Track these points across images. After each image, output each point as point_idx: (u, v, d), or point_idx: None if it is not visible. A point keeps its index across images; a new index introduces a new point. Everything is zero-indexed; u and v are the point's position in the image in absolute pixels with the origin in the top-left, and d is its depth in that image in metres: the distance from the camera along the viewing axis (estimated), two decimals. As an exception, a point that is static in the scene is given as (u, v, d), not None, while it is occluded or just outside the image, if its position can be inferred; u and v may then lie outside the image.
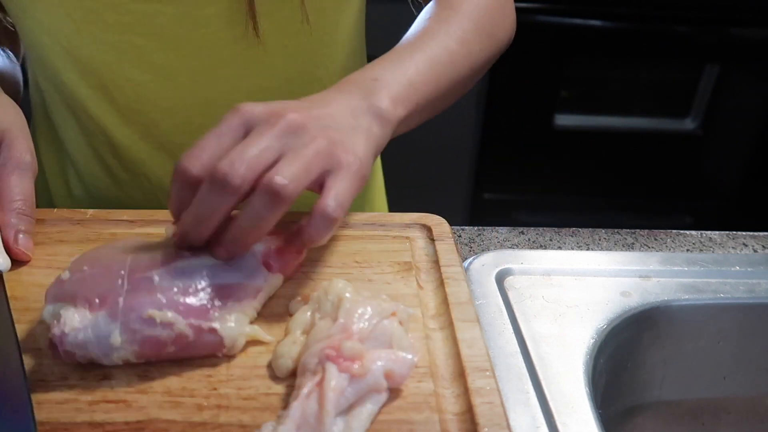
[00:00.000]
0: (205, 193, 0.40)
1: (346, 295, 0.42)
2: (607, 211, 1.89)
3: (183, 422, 0.38)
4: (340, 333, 0.39)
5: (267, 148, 0.41)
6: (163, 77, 0.59)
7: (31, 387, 0.40)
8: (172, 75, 0.59)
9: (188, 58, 0.59)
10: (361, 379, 0.38)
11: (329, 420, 0.36)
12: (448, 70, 0.56)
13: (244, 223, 0.41)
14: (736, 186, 1.86)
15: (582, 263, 0.58)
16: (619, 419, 0.58)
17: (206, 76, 0.60)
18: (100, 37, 0.57)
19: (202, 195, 0.40)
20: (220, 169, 0.39)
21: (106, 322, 0.39)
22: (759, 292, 0.56)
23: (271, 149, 0.41)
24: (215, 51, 0.59)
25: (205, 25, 0.57)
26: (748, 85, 1.70)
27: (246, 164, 0.40)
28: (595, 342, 0.50)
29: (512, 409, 0.43)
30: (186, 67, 0.59)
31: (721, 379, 0.59)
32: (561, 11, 1.60)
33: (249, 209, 0.41)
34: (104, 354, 0.40)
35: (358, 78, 0.50)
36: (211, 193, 0.40)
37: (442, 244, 0.53)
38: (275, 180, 0.39)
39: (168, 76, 0.59)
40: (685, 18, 1.63)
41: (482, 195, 1.84)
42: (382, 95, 0.49)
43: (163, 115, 0.61)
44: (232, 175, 0.39)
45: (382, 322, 0.41)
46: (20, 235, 0.50)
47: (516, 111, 1.73)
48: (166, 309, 0.40)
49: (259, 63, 0.60)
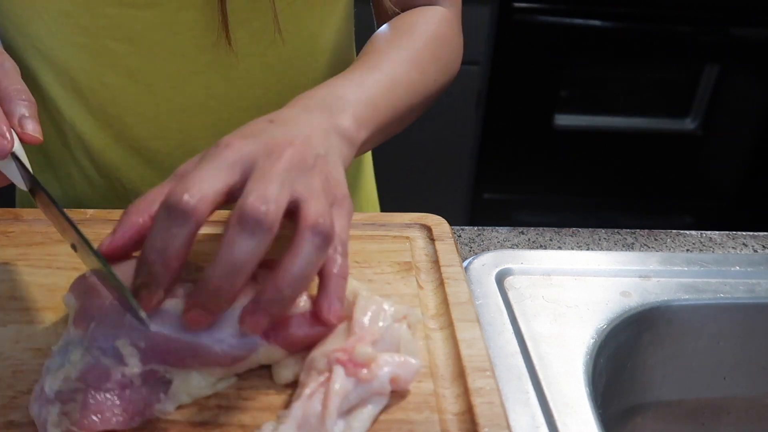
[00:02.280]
0: (234, 236, 0.35)
1: (363, 293, 0.42)
2: (607, 211, 1.89)
3: (183, 422, 0.38)
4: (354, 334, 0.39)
5: (283, 184, 0.37)
6: (137, 82, 0.59)
7: (31, 387, 0.40)
8: (147, 80, 0.59)
9: (163, 64, 0.58)
10: (367, 383, 0.37)
11: (331, 421, 0.36)
12: (407, 94, 0.55)
13: (296, 270, 0.36)
14: (736, 186, 1.86)
15: (582, 263, 0.58)
16: (619, 419, 0.58)
17: (182, 82, 0.59)
18: (73, 39, 0.57)
19: (232, 238, 0.35)
20: (251, 209, 0.35)
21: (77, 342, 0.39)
22: (759, 292, 0.56)
23: (286, 187, 0.37)
24: (191, 57, 0.58)
25: (180, 31, 0.57)
26: (748, 85, 1.71)
27: (275, 203, 0.36)
28: (595, 342, 0.50)
29: (512, 409, 0.43)
30: (161, 72, 0.58)
31: (721, 379, 0.59)
32: (561, 11, 1.60)
33: (295, 258, 0.36)
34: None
35: (321, 95, 0.48)
36: (243, 235, 0.35)
37: (442, 244, 0.53)
38: (321, 221, 0.37)
39: (142, 81, 0.59)
40: (685, 18, 1.63)
41: (482, 195, 1.85)
42: (346, 115, 0.47)
43: (138, 119, 0.61)
44: (264, 213, 0.35)
45: (392, 324, 0.40)
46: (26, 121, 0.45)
47: (516, 111, 1.73)
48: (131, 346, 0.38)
49: (235, 71, 0.60)
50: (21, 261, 0.51)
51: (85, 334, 0.39)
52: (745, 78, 1.70)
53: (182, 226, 0.35)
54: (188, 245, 0.36)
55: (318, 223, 0.37)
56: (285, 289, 0.37)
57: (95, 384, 0.37)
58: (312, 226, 0.37)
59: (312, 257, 0.37)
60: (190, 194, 0.35)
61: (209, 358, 0.39)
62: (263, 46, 0.60)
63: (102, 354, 0.38)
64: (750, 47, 1.67)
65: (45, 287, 0.48)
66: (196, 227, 0.36)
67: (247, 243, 0.35)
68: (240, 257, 0.35)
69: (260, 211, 0.35)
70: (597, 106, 1.76)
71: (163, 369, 0.38)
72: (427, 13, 0.64)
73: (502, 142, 1.77)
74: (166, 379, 0.38)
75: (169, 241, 0.36)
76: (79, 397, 0.37)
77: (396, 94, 0.54)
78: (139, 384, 0.38)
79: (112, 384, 0.37)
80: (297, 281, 0.37)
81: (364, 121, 0.49)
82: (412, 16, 0.63)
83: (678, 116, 1.77)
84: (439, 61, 0.61)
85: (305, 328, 0.40)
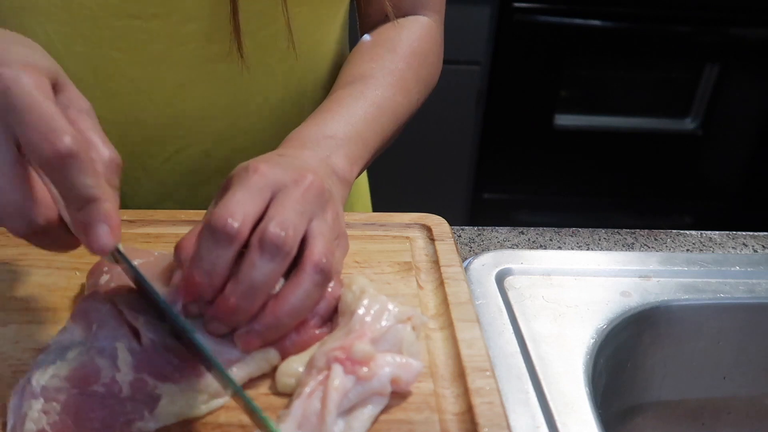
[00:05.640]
0: (255, 258, 0.38)
1: (370, 290, 0.42)
2: (607, 211, 1.89)
3: (183, 422, 0.38)
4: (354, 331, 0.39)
5: (303, 215, 0.40)
6: (139, 91, 0.59)
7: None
8: (147, 89, 0.59)
9: (165, 73, 0.58)
10: (367, 382, 0.37)
11: (331, 419, 0.36)
12: (393, 119, 0.58)
13: (295, 302, 0.39)
14: (736, 186, 1.86)
15: (582, 263, 0.58)
16: (619, 419, 0.58)
17: (182, 90, 0.59)
18: (74, 49, 0.56)
19: (253, 260, 0.38)
20: (273, 234, 0.38)
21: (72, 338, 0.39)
22: (759, 292, 0.56)
23: (305, 217, 0.40)
24: (193, 67, 0.58)
25: (185, 42, 0.57)
26: (748, 85, 1.71)
27: (293, 230, 0.39)
28: (595, 342, 0.50)
29: (512, 409, 0.43)
30: (162, 81, 0.58)
31: (721, 379, 0.59)
32: (561, 11, 1.60)
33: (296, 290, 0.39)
34: None
35: (312, 134, 0.50)
36: (264, 258, 0.38)
37: (442, 244, 0.53)
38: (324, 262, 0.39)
39: (143, 90, 0.59)
40: (685, 18, 1.63)
41: (482, 195, 1.84)
42: (339, 155, 0.50)
43: (135, 125, 0.61)
44: (284, 239, 0.38)
45: (396, 325, 0.41)
46: (103, 229, 0.35)
47: (516, 111, 1.73)
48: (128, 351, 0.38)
49: (238, 81, 0.60)
50: (21, 261, 0.51)
51: (88, 335, 0.39)
52: (745, 78, 1.70)
53: (227, 248, 0.38)
54: (231, 265, 0.38)
55: (321, 262, 0.39)
56: (283, 318, 0.39)
57: (81, 385, 0.37)
58: (316, 263, 0.39)
59: (311, 292, 0.39)
60: (233, 218, 0.38)
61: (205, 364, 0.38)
62: (270, 56, 0.60)
63: (98, 354, 0.38)
64: (750, 47, 1.67)
65: (45, 287, 0.48)
66: (239, 248, 0.38)
67: (267, 266, 0.38)
68: (258, 279, 0.38)
69: (281, 237, 0.38)
70: (597, 106, 1.76)
71: (153, 383, 0.37)
72: (411, 27, 0.65)
73: (502, 142, 1.77)
74: (154, 395, 0.37)
75: (215, 262, 0.38)
76: (61, 397, 0.36)
77: (383, 122, 0.56)
78: (126, 395, 0.37)
79: (98, 387, 0.37)
80: (294, 312, 0.39)
81: (356, 158, 0.51)
82: (395, 31, 0.64)
83: (678, 116, 1.77)
84: (421, 81, 0.63)
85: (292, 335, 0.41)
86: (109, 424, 0.36)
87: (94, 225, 0.34)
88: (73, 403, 0.36)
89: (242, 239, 0.38)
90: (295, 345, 0.41)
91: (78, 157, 0.32)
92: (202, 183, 0.65)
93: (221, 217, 0.38)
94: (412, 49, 0.63)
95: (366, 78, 0.58)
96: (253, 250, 0.38)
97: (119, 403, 0.37)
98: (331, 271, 0.40)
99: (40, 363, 0.38)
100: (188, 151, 0.63)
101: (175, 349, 0.39)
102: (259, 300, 0.39)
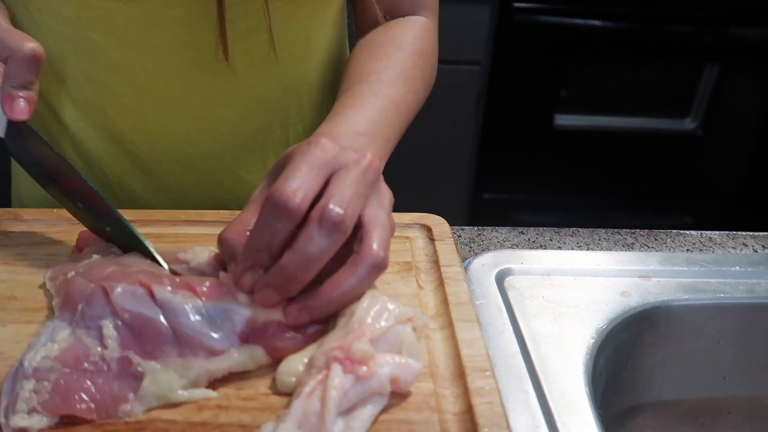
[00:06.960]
0: (313, 232, 0.39)
1: (371, 291, 0.42)
2: (607, 211, 1.89)
3: (183, 422, 0.38)
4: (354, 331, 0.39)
5: (361, 194, 0.41)
6: (119, 75, 0.59)
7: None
8: (130, 73, 0.59)
9: (147, 58, 0.58)
10: (366, 381, 0.38)
11: (330, 418, 0.36)
12: (406, 117, 0.59)
13: (347, 288, 0.41)
14: (736, 186, 1.86)
15: (582, 263, 0.58)
16: (619, 419, 0.58)
17: (164, 77, 0.59)
18: (56, 29, 0.57)
19: (311, 234, 0.39)
20: (332, 211, 0.39)
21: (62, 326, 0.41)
22: (759, 292, 0.56)
23: (363, 197, 0.42)
24: (176, 54, 0.58)
25: (166, 27, 0.56)
26: (748, 85, 1.70)
27: (352, 210, 0.40)
28: (595, 342, 0.50)
29: (512, 409, 0.43)
30: (144, 66, 0.58)
31: (721, 379, 0.59)
32: (561, 11, 1.60)
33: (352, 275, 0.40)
34: None
35: (343, 131, 0.50)
36: (321, 233, 0.39)
37: (442, 244, 0.53)
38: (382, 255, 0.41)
39: (125, 74, 0.59)
40: (685, 18, 1.63)
41: (482, 195, 1.84)
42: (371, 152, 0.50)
43: (119, 111, 0.61)
44: (342, 218, 0.39)
45: (396, 326, 0.41)
46: (20, 102, 0.47)
47: (516, 111, 1.73)
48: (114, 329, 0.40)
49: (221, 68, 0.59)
50: (21, 261, 0.51)
51: (74, 315, 0.40)
52: (745, 78, 1.70)
53: (288, 221, 0.40)
54: (290, 237, 0.40)
55: (380, 256, 0.40)
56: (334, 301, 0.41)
57: (72, 364, 0.38)
58: (375, 256, 0.40)
59: (365, 282, 0.41)
60: (295, 194, 0.39)
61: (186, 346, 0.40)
62: (252, 47, 0.59)
63: (86, 333, 0.39)
64: (750, 47, 1.67)
65: (45, 287, 0.48)
66: (298, 221, 0.40)
67: (323, 241, 0.39)
68: (314, 252, 0.39)
69: (340, 215, 0.39)
70: (597, 106, 1.76)
71: (137, 360, 0.39)
72: (411, 26, 0.65)
73: (502, 142, 1.77)
74: (138, 373, 0.39)
75: (275, 235, 0.40)
76: (52, 377, 0.38)
77: (399, 119, 0.57)
78: (114, 373, 0.39)
79: (88, 365, 0.38)
80: (345, 297, 0.41)
81: (383, 156, 0.53)
82: (396, 29, 0.64)
83: (678, 116, 1.77)
84: (426, 78, 0.64)
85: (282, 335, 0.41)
86: (97, 402, 0.38)
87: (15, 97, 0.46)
88: (63, 381, 0.38)
89: (302, 214, 0.40)
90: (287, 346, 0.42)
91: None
92: (189, 171, 0.65)
93: (284, 192, 0.39)
94: (417, 48, 0.63)
95: (380, 75, 0.58)
96: (312, 224, 0.39)
97: (107, 381, 0.38)
98: (386, 265, 0.41)
99: (32, 346, 0.40)
100: (174, 140, 0.62)
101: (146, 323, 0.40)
102: (312, 272, 0.40)
